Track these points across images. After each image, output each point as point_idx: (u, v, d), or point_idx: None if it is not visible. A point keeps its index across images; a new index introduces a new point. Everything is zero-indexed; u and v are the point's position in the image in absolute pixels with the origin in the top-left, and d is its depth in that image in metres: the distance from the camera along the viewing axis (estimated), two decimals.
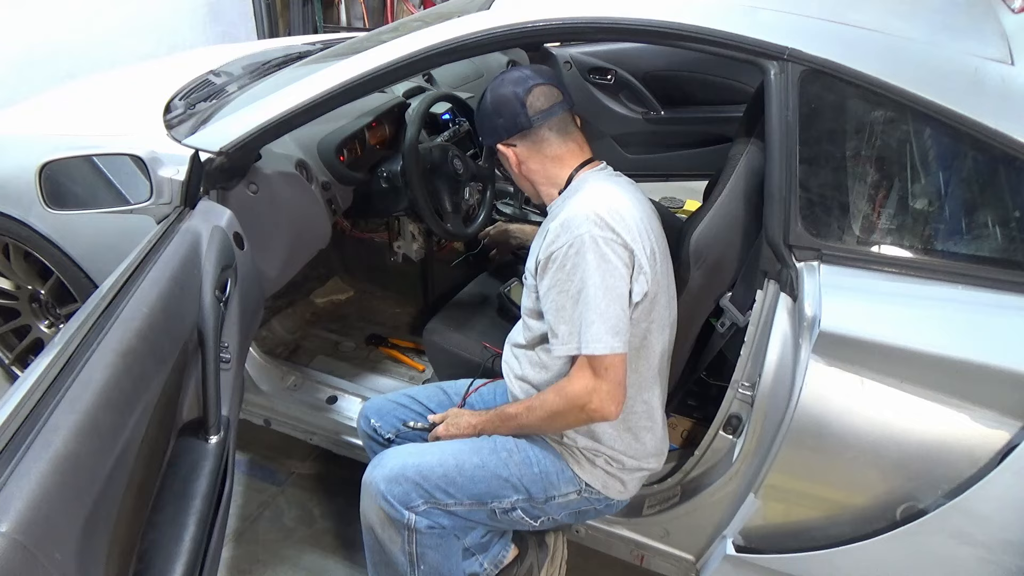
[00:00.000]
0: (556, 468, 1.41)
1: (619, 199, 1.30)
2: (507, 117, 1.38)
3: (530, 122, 1.37)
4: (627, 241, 1.24)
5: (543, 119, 1.37)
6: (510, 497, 1.41)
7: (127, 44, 4.20)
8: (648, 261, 1.27)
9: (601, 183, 1.36)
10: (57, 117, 2.11)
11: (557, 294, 1.26)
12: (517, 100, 1.36)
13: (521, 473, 1.40)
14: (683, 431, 1.84)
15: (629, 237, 1.25)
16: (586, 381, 1.25)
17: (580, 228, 1.23)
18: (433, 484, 1.39)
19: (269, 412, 2.02)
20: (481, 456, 1.42)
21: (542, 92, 1.37)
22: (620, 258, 1.24)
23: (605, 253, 1.23)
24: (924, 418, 1.19)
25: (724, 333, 1.49)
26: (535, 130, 1.38)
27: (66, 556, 0.83)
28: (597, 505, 1.45)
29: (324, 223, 1.92)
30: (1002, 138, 1.19)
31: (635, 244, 1.25)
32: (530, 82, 1.37)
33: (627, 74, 2.83)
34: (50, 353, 1.02)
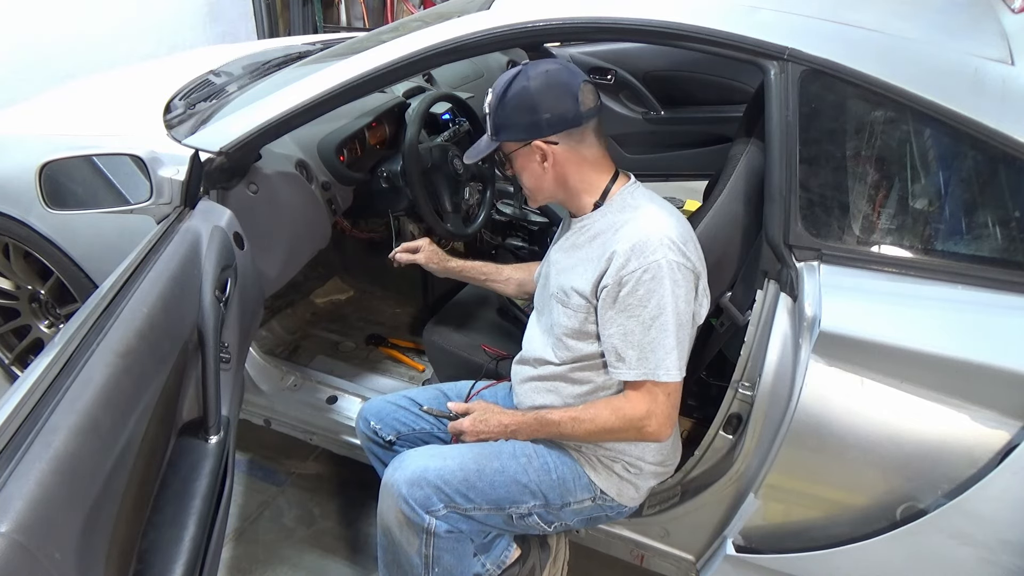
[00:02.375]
0: (573, 474, 1.41)
1: (680, 222, 1.30)
2: (555, 112, 1.26)
3: (580, 119, 1.27)
4: (695, 266, 1.26)
5: (591, 117, 1.29)
6: (528, 503, 1.40)
7: (127, 44, 4.20)
8: (704, 283, 1.30)
9: (654, 203, 1.32)
10: (57, 117, 2.11)
11: (627, 319, 1.24)
12: (571, 94, 1.26)
13: (540, 479, 1.39)
14: (683, 431, 1.83)
15: (697, 260, 1.27)
16: (648, 405, 1.26)
17: (656, 254, 1.21)
18: (454, 488, 1.37)
19: (269, 412, 2.02)
20: (501, 461, 1.40)
21: (590, 90, 1.29)
22: (689, 283, 1.24)
23: (678, 279, 1.22)
24: (924, 418, 1.19)
25: (724, 333, 1.49)
26: (582, 129, 1.29)
27: (66, 556, 0.83)
28: (609, 512, 1.46)
29: (324, 223, 1.92)
30: (1002, 138, 1.19)
31: (700, 268, 1.28)
32: (578, 78, 1.28)
33: (627, 74, 2.83)
34: (50, 353, 1.02)
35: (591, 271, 1.29)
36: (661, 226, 1.24)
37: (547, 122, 1.27)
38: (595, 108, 1.30)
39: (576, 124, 1.28)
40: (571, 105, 1.26)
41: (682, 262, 1.22)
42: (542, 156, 1.31)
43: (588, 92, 1.29)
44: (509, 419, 1.43)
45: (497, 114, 1.31)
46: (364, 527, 2.04)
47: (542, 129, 1.28)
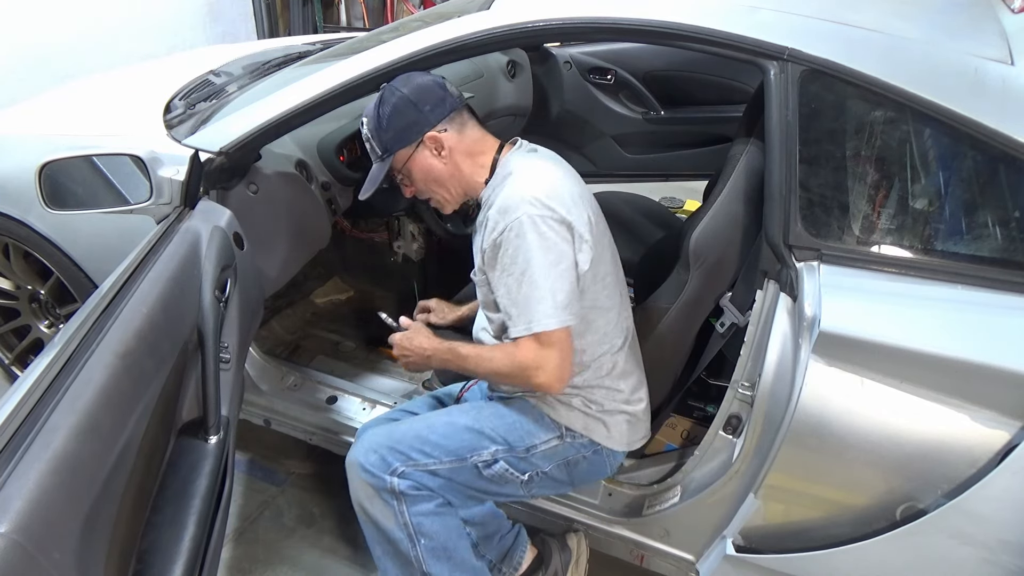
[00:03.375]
0: (532, 416, 1.42)
1: (550, 174, 1.34)
2: (433, 102, 1.36)
3: (458, 101, 1.37)
4: (563, 215, 1.27)
5: (461, 101, 1.39)
6: (488, 448, 1.40)
7: (127, 44, 4.20)
8: (588, 229, 1.30)
9: (528, 162, 1.37)
10: (57, 117, 2.11)
11: (505, 278, 1.28)
12: (437, 84, 1.37)
13: (494, 424, 1.42)
14: (683, 431, 1.84)
15: (565, 210, 1.27)
16: (534, 354, 1.28)
17: (518, 211, 1.25)
18: (407, 445, 1.40)
19: (269, 412, 2.02)
20: (451, 415, 1.45)
21: (448, 83, 1.41)
22: (558, 234, 1.26)
23: (543, 231, 1.25)
24: (924, 418, 1.19)
25: (724, 333, 1.49)
26: (460, 111, 1.39)
27: (65, 556, 0.83)
28: (585, 452, 1.44)
29: (324, 223, 1.92)
30: (1002, 138, 1.19)
31: (572, 216, 1.28)
32: (439, 78, 1.41)
33: (627, 74, 2.83)
34: (50, 353, 1.02)
35: (479, 242, 1.37)
36: (526, 185, 1.29)
37: (431, 113, 1.36)
38: (459, 95, 1.40)
39: (455, 107, 1.38)
40: (443, 93, 1.37)
41: (545, 214, 1.25)
42: (437, 147, 1.37)
43: (449, 85, 1.41)
44: (428, 343, 1.46)
45: (379, 134, 1.39)
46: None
47: (429, 120, 1.36)
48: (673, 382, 1.66)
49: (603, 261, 1.36)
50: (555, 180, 1.33)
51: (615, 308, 1.41)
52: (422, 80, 1.39)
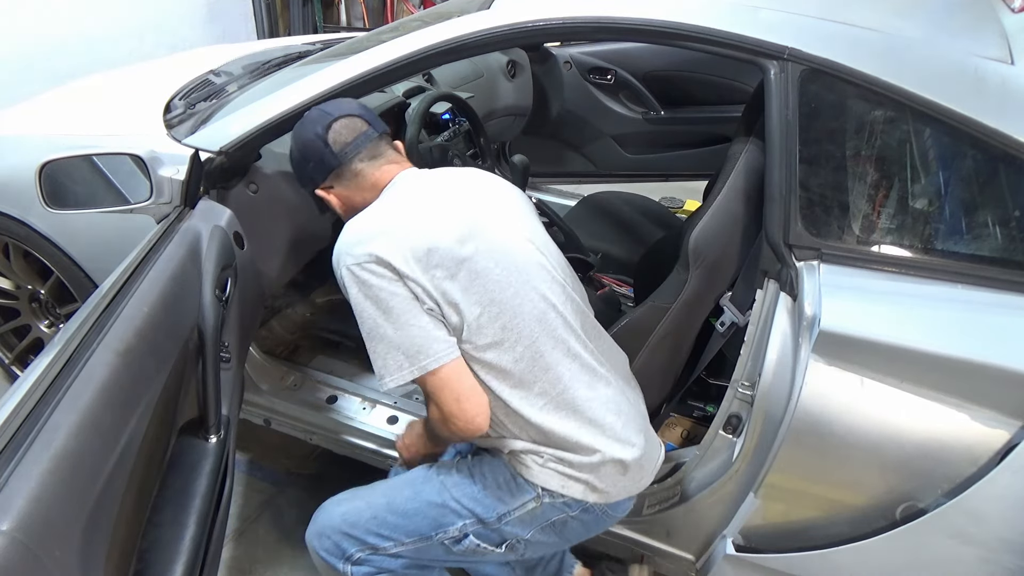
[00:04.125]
0: (504, 478, 1.27)
1: (376, 209, 1.24)
2: (315, 160, 1.31)
3: (338, 159, 1.29)
4: (378, 254, 1.15)
5: (351, 152, 1.29)
6: (455, 523, 1.28)
7: (127, 44, 4.20)
8: (423, 257, 1.15)
9: (387, 194, 1.29)
10: (57, 117, 2.11)
11: (365, 338, 1.21)
12: (320, 140, 1.29)
13: (461, 494, 1.28)
14: (683, 431, 1.84)
15: (382, 247, 1.15)
16: (431, 406, 1.21)
17: (338, 264, 1.19)
18: (363, 529, 1.30)
19: (269, 412, 2.02)
20: (414, 487, 1.32)
21: (343, 126, 1.30)
22: (378, 277, 1.15)
23: (365, 280, 1.15)
24: (924, 417, 1.19)
25: (724, 333, 1.49)
26: (345, 166, 1.30)
27: (66, 554, 0.83)
28: (571, 511, 1.27)
29: (324, 223, 1.92)
30: (1002, 137, 1.19)
31: (389, 252, 1.15)
32: (327, 118, 1.30)
33: (627, 74, 2.83)
34: (50, 353, 1.02)
35: None
36: (348, 228, 1.22)
37: (315, 171, 1.32)
38: (353, 143, 1.29)
39: (336, 164, 1.30)
40: (323, 149, 1.29)
41: (361, 259, 1.15)
42: (331, 201, 1.35)
43: (341, 131, 1.30)
44: (408, 439, 1.43)
45: (293, 169, 1.40)
46: None
47: (316, 179, 1.34)
48: (673, 382, 1.66)
49: (489, 277, 1.18)
50: (377, 213, 1.23)
51: (538, 326, 1.21)
52: (305, 135, 1.32)
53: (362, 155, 1.31)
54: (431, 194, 1.28)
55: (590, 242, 2.50)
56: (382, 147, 1.34)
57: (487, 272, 1.19)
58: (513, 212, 1.32)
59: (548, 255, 1.30)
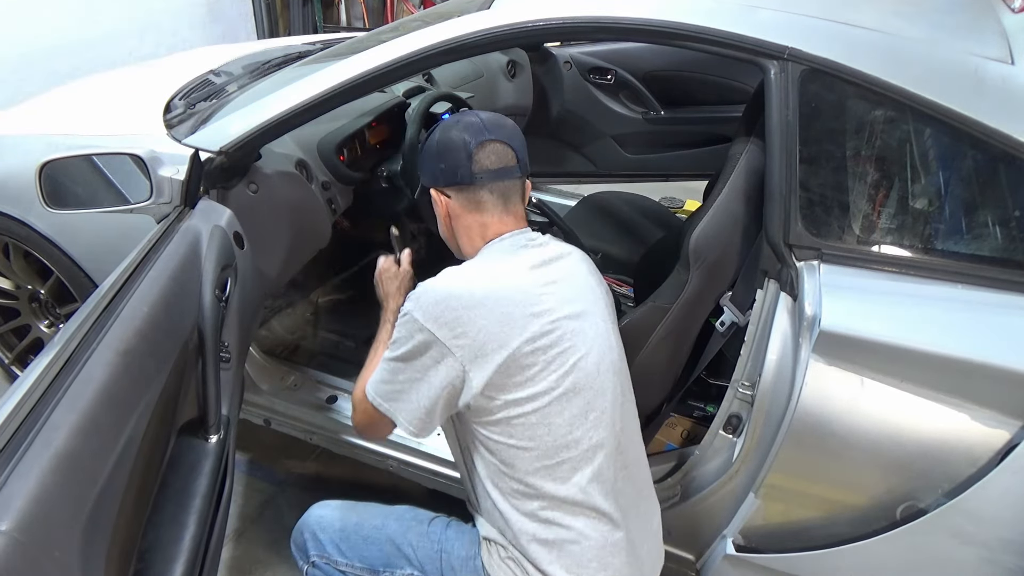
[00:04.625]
0: (464, 554, 1.26)
1: (464, 277, 1.19)
2: (450, 164, 1.25)
3: (472, 178, 1.23)
4: (433, 331, 1.13)
5: (487, 179, 1.24)
6: (403, 568, 1.29)
7: (127, 44, 4.20)
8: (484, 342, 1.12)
9: (479, 260, 1.26)
10: (57, 117, 2.11)
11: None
12: (465, 150, 1.23)
13: (418, 544, 1.29)
14: (683, 431, 1.84)
15: (436, 326, 1.13)
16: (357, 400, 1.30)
17: (408, 304, 1.18)
18: (328, 538, 1.33)
19: (269, 412, 2.02)
20: (385, 519, 1.33)
21: (495, 150, 1.24)
22: (414, 341, 1.14)
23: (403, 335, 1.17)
24: (924, 417, 1.19)
25: (724, 333, 1.49)
26: (475, 188, 1.24)
27: (66, 555, 0.83)
28: None
29: (324, 223, 1.92)
30: (1002, 137, 1.19)
31: (444, 331, 1.12)
32: (485, 135, 1.24)
33: (627, 74, 2.83)
34: (50, 353, 1.02)
35: None
36: (436, 281, 1.19)
37: (442, 173, 1.27)
38: (495, 172, 1.24)
39: (468, 183, 1.24)
40: (464, 161, 1.23)
41: (418, 316, 1.14)
42: (438, 204, 1.30)
43: (491, 153, 1.24)
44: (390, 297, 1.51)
45: (420, 153, 1.36)
46: None
47: (438, 179, 1.28)
48: (673, 382, 1.66)
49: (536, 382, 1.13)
50: (462, 282, 1.17)
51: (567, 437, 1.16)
52: (454, 136, 1.25)
53: (495, 188, 1.25)
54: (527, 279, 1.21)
55: (590, 242, 2.50)
56: (515, 192, 1.28)
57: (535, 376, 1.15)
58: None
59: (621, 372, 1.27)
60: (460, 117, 1.30)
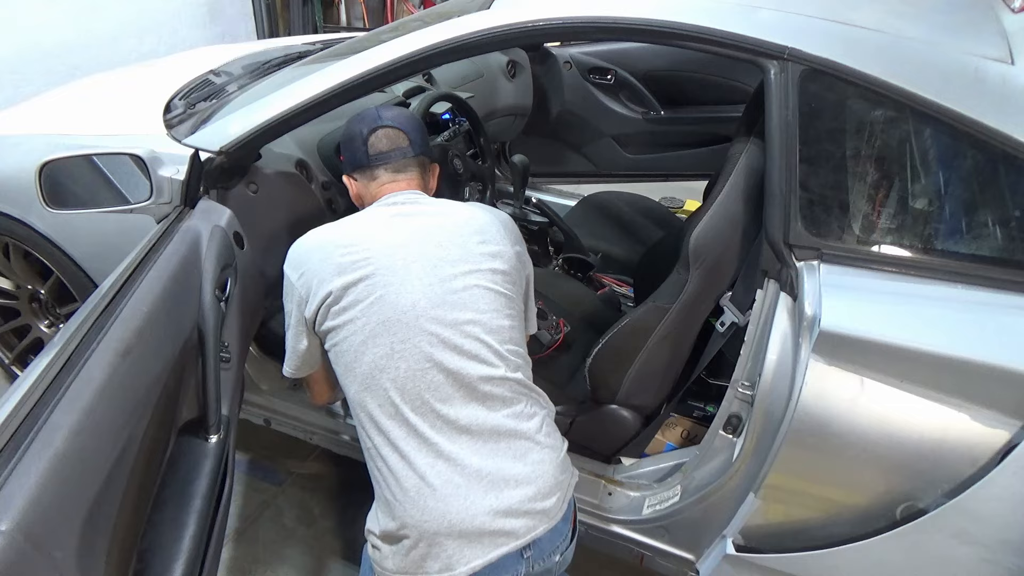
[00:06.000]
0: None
1: (320, 230, 1.36)
2: (351, 152, 1.44)
3: (368, 159, 1.42)
4: (288, 275, 1.34)
5: (379, 161, 1.42)
6: None
7: (127, 44, 4.20)
8: (310, 280, 1.29)
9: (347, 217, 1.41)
10: (57, 117, 2.11)
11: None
12: (361, 137, 1.42)
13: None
14: (683, 431, 1.84)
15: (290, 270, 1.34)
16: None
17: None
18: None
19: (269, 412, 2.02)
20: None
21: (386, 134, 1.42)
22: (289, 292, 1.34)
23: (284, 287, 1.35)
24: (924, 417, 1.19)
25: (724, 333, 1.49)
26: (371, 167, 1.43)
27: (66, 555, 0.83)
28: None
29: (324, 223, 1.91)
30: (1002, 137, 1.19)
31: (293, 273, 1.32)
32: (376, 124, 1.43)
33: (627, 74, 2.83)
34: (50, 352, 1.02)
35: None
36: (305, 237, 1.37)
37: (348, 161, 1.47)
38: (386, 153, 1.42)
39: (365, 164, 1.43)
40: (361, 148, 1.42)
41: (285, 270, 1.34)
42: (350, 188, 1.50)
43: (382, 138, 1.42)
44: None
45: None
46: (364, 527, 2.03)
47: (346, 167, 1.49)
48: (673, 382, 1.66)
49: (370, 314, 1.25)
50: (318, 234, 1.35)
51: (376, 368, 1.24)
52: (352, 129, 1.45)
53: (388, 166, 1.43)
54: (369, 225, 1.36)
55: (590, 242, 2.51)
56: (410, 166, 1.44)
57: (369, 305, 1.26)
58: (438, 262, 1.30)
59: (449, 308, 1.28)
60: (362, 113, 1.47)
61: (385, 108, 1.48)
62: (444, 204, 1.40)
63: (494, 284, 1.30)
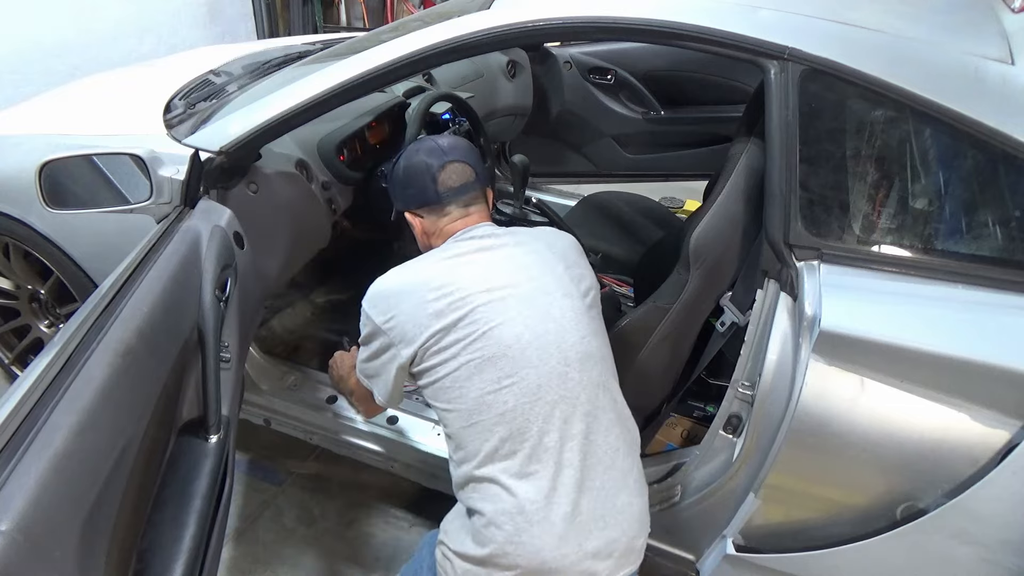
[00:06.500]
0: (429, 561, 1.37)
1: (403, 272, 1.34)
2: (418, 188, 1.40)
3: (439, 198, 1.39)
4: (372, 318, 1.32)
5: (452, 197, 1.39)
6: None
7: (127, 44, 4.20)
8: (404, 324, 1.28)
9: (425, 255, 1.40)
10: (57, 117, 2.11)
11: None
12: (429, 173, 1.39)
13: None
14: (683, 431, 1.84)
15: (375, 313, 1.32)
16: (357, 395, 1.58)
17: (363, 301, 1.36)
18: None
19: (269, 412, 2.02)
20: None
21: (456, 171, 1.40)
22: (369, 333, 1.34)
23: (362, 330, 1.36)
24: (924, 417, 1.19)
25: (724, 333, 1.49)
26: (442, 205, 1.40)
27: (66, 555, 0.83)
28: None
29: (324, 223, 1.92)
30: (1002, 137, 1.19)
31: (380, 317, 1.31)
32: (445, 157, 1.40)
33: (627, 74, 2.83)
34: (50, 352, 1.02)
35: None
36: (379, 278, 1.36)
37: (412, 197, 1.42)
38: (458, 189, 1.39)
39: (436, 202, 1.40)
40: (429, 184, 1.39)
41: (367, 311, 1.34)
42: (415, 225, 1.45)
43: (452, 174, 1.39)
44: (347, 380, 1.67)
45: (390, 180, 1.52)
46: (364, 527, 2.04)
47: (409, 203, 1.44)
48: (673, 382, 1.66)
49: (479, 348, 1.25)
50: (398, 276, 1.34)
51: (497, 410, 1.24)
52: (417, 162, 1.41)
53: (459, 201, 1.40)
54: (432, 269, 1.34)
55: (590, 242, 2.50)
56: (476, 199, 1.43)
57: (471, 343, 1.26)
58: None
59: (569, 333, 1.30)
60: (420, 144, 1.44)
61: (444, 138, 1.46)
62: (520, 233, 1.41)
63: (587, 306, 1.36)
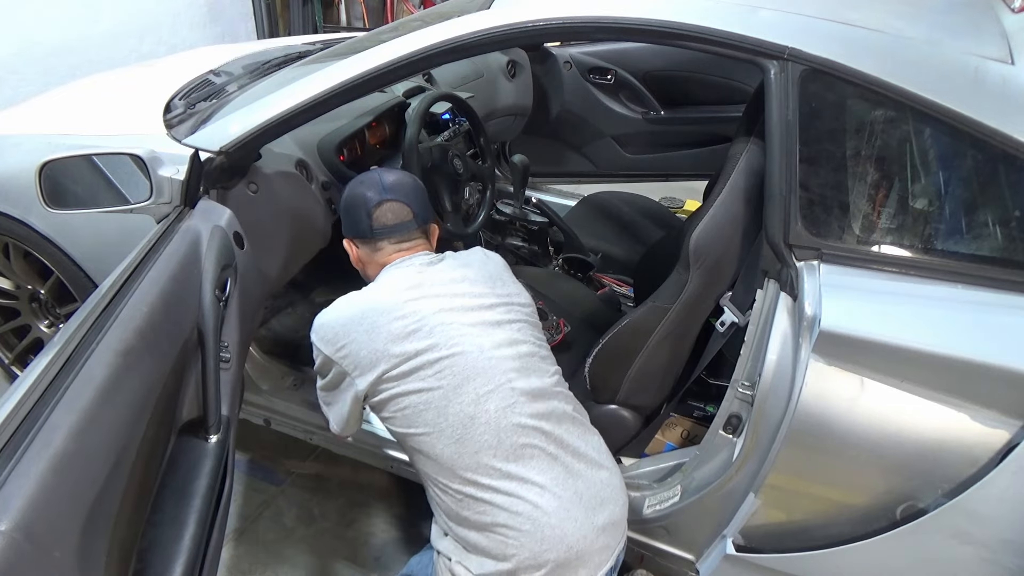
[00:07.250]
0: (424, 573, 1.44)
1: (350, 300, 1.39)
2: (354, 219, 1.47)
3: (372, 233, 1.45)
4: (322, 349, 1.38)
5: (384, 234, 1.45)
6: None
7: (127, 44, 4.20)
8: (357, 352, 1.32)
9: (369, 286, 1.45)
10: (57, 117, 2.11)
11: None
12: (365, 209, 1.45)
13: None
14: (683, 431, 1.84)
15: (324, 345, 1.37)
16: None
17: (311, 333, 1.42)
18: None
19: (269, 412, 2.02)
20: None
21: (391, 210, 1.45)
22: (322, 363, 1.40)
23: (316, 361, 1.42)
24: (924, 417, 1.19)
25: (724, 333, 1.49)
26: (375, 240, 1.46)
27: (66, 554, 0.83)
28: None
29: (324, 223, 1.92)
30: (1002, 137, 1.19)
31: (329, 348, 1.36)
32: (382, 197, 1.45)
33: (627, 74, 2.83)
34: (49, 352, 1.02)
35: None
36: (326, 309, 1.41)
37: (348, 225, 1.50)
38: (391, 227, 1.44)
39: (368, 236, 1.46)
40: (364, 219, 1.45)
41: (316, 344, 1.39)
42: (350, 251, 1.52)
43: (387, 212, 1.44)
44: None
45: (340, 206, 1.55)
46: (364, 527, 2.04)
47: (347, 231, 1.51)
48: (673, 382, 1.66)
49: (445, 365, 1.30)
50: (340, 307, 1.39)
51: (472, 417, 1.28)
52: (356, 194, 1.46)
53: (392, 239, 1.46)
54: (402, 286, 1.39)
55: (590, 242, 2.51)
56: (414, 236, 1.48)
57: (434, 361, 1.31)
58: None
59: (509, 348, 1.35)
60: (367, 175, 1.51)
61: (387, 172, 1.50)
62: (458, 256, 1.48)
63: (526, 316, 1.43)
